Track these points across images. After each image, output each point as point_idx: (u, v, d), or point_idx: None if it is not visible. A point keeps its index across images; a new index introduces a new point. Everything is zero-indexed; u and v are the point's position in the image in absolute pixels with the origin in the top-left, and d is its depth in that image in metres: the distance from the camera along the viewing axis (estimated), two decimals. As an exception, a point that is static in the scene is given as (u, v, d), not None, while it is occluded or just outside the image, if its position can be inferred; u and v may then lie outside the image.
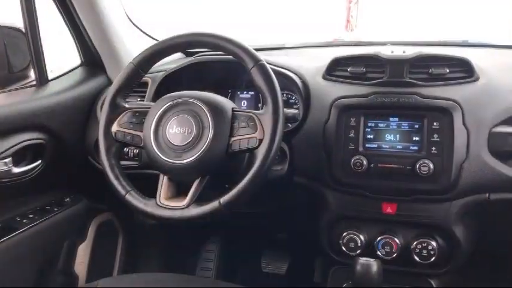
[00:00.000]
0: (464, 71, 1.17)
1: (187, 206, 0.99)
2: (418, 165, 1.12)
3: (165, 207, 1.01)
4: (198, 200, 1.00)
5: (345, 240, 1.25)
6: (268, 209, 1.47)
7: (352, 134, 1.18)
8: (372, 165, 1.16)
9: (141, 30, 1.70)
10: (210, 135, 0.99)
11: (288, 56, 1.52)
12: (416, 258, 1.20)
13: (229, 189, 0.98)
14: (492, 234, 1.33)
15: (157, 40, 1.14)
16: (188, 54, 1.65)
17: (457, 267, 1.23)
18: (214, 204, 0.97)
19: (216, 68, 1.41)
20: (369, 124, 1.18)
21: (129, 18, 1.64)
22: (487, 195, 1.13)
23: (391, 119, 1.17)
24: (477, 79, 1.17)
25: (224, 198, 0.97)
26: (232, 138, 1.00)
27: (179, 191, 1.06)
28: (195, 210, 0.98)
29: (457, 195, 1.14)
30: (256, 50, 1.05)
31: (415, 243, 1.20)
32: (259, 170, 0.96)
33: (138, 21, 1.68)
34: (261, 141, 0.98)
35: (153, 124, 1.04)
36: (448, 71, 1.17)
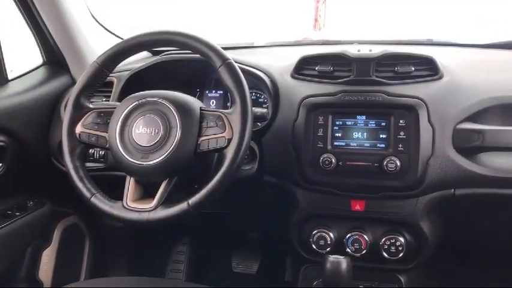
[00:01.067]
0: (429, 69, 1.20)
1: (155, 208, 0.97)
2: (385, 163, 1.13)
3: (132, 210, 0.99)
4: (166, 201, 0.98)
5: (315, 238, 1.25)
6: (238, 208, 1.47)
7: (320, 133, 1.19)
8: (341, 163, 1.17)
9: (105, 29, 1.66)
10: (178, 135, 0.98)
11: (257, 55, 1.52)
12: (384, 254, 1.22)
13: (198, 190, 0.96)
14: (458, 228, 1.36)
15: (122, 39, 1.12)
16: (155, 53, 1.63)
17: (424, 262, 1.26)
18: (182, 205, 0.96)
19: (183, 67, 1.39)
20: (337, 122, 1.19)
21: (93, 16, 1.60)
22: (453, 190, 1.16)
23: (358, 117, 1.18)
24: (441, 77, 1.19)
25: (193, 200, 0.95)
26: (201, 138, 0.99)
27: (147, 192, 1.04)
28: (163, 212, 0.97)
29: (424, 191, 1.17)
30: (224, 48, 1.04)
31: (383, 240, 1.22)
32: (229, 170, 0.95)
33: (103, 20, 1.64)
34: (229, 140, 0.97)
35: (119, 125, 1.02)
36: (413, 69, 1.19)
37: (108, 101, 1.36)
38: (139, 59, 1.55)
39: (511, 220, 1.29)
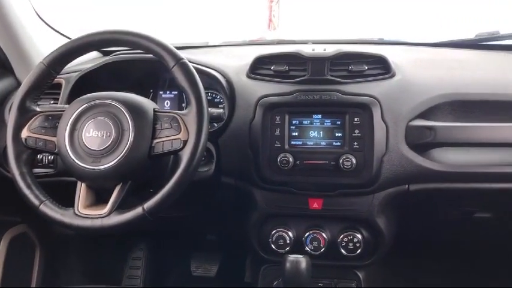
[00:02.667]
0: (382, 67, 1.22)
1: (108, 214, 0.95)
2: (341, 161, 1.14)
3: (84, 217, 0.96)
4: (120, 207, 0.96)
5: (274, 238, 1.26)
6: (195, 211, 1.44)
7: (277, 132, 1.19)
8: (298, 162, 1.17)
9: (53, 29, 1.59)
10: (131, 138, 0.95)
11: (211, 55, 1.50)
12: (343, 251, 1.24)
13: (154, 194, 0.94)
14: (413, 223, 1.40)
15: (71, 39, 1.08)
16: (105, 54, 1.58)
17: (381, 257, 1.28)
18: (137, 210, 0.93)
19: (135, 67, 1.35)
20: (294, 122, 1.19)
21: (39, 16, 1.53)
22: (407, 186, 1.19)
23: (314, 116, 1.19)
24: (393, 75, 1.22)
25: (148, 204, 0.93)
26: (155, 141, 0.97)
27: (99, 198, 1.01)
28: (117, 218, 0.94)
29: (379, 188, 1.19)
30: (178, 48, 1.02)
31: (341, 237, 1.23)
32: (185, 173, 0.94)
33: (52, 21, 1.58)
34: (185, 142, 0.95)
35: (68, 128, 0.99)
36: (366, 68, 1.21)
37: (57, 103, 1.31)
38: (89, 60, 1.50)
39: (463, 213, 1.33)
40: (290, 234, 1.25)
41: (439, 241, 1.58)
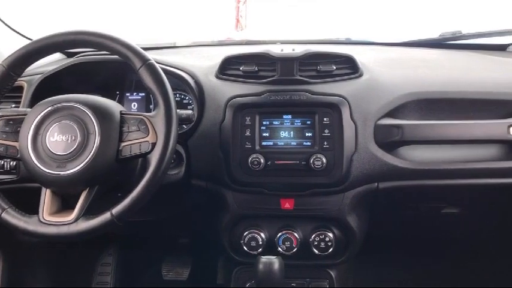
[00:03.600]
0: (350, 67, 1.23)
1: (75, 220, 0.92)
2: (312, 160, 1.15)
3: (49, 224, 0.93)
4: (88, 212, 0.94)
5: (246, 240, 1.25)
6: (166, 215, 1.42)
7: (248, 133, 1.18)
8: (269, 162, 1.17)
9: (12, 30, 1.54)
10: (97, 141, 0.93)
11: (179, 55, 1.48)
12: (315, 250, 1.24)
13: (122, 199, 0.93)
14: (383, 220, 1.42)
15: (32, 40, 1.04)
16: (69, 55, 1.54)
17: (353, 255, 1.30)
18: (105, 216, 0.92)
19: (100, 69, 1.32)
20: (264, 122, 1.19)
21: (-3, 16, 1.48)
22: (376, 184, 1.21)
23: (284, 116, 1.19)
24: (361, 75, 1.23)
25: (116, 209, 0.91)
26: (122, 144, 0.95)
27: (65, 204, 0.98)
28: (84, 225, 0.92)
29: (349, 187, 1.20)
30: (145, 49, 1.01)
31: (313, 236, 1.24)
32: (154, 176, 0.92)
33: (11, 21, 1.53)
34: (154, 145, 0.94)
35: (31, 132, 0.96)
36: (334, 67, 1.21)
37: (18, 107, 1.27)
38: (52, 62, 1.46)
39: (432, 209, 1.36)
40: (262, 235, 1.25)
41: (409, 237, 1.61)
